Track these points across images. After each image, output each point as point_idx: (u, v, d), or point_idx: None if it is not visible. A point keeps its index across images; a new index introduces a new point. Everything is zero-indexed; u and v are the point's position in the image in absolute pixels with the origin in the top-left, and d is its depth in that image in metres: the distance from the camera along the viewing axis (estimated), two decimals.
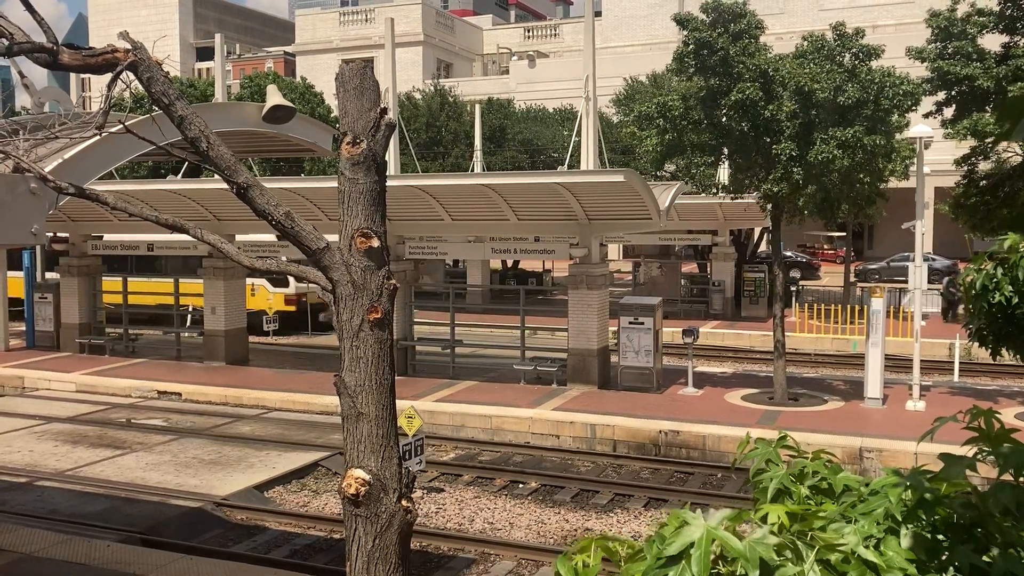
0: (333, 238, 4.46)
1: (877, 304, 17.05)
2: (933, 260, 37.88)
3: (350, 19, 63.50)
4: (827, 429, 14.95)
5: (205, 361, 22.15)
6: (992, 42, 22.94)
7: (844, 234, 36.75)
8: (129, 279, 25.00)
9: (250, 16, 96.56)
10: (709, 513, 1.97)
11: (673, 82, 26.78)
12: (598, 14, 46.91)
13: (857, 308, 26.83)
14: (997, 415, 2.40)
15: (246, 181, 4.52)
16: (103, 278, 24.58)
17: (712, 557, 1.89)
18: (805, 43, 18.56)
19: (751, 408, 16.79)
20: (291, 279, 26.79)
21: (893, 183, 22.09)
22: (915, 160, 19.13)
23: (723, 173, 20.88)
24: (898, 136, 20.48)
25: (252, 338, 23.99)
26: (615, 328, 18.82)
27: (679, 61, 17.63)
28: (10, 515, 11.67)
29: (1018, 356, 5.21)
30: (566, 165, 34.20)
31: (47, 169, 6.96)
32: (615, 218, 18.66)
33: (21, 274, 25.97)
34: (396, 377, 4.79)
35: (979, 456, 2.33)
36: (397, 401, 4.71)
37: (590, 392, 18.14)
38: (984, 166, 22.99)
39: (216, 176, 4.65)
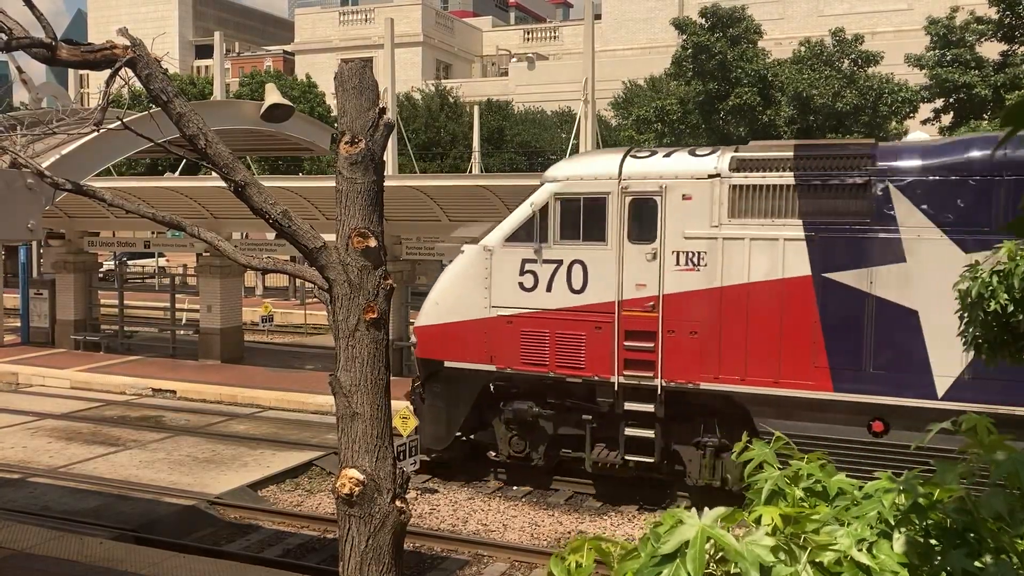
0: (331, 237, 4.46)
1: None
2: None
3: (349, 19, 63.46)
4: None
5: (200, 359, 22.12)
6: (990, 50, 23.01)
7: None
8: None
9: (249, 14, 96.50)
10: (704, 512, 1.98)
11: (671, 86, 26.82)
12: (598, 17, 46.95)
13: None
14: (989, 420, 2.41)
15: (244, 179, 4.52)
16: None
17: (706, 557, 1.90)
18: (803, 49, 18.60)
19: None
20: None
21: None
22: None
23: None
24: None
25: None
26: None
27: (677, 65, 17.68)
28: (2, 511, 11.65)
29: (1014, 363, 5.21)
30: None
31: (44, 165, 6.95)
32: None
33: None
34: (391, 377, 4.79)
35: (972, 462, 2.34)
36: (392, 401, 4.72)
37: None
38: None
39: (214, 174, 4.64)
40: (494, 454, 13.52)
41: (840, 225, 10.85)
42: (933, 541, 2.13)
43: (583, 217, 12.01)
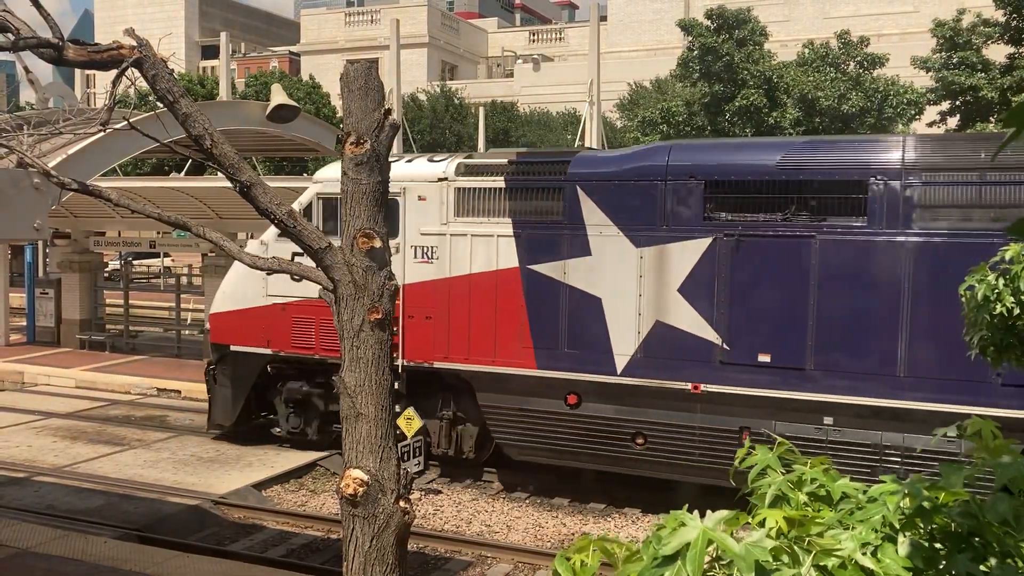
0: (335, 238, 4.47)
1: None
2: None
3: (355, 20, 63.58)
4: None
5: (205, 359, 22.13)
6: (997, 53, 22.95)
7: None
8: None
9: (255, 15, 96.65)
10: (707, 515, 1.98)
11: (677, 87, 26.80)
12: (603, 18, 46.89)
13: None
14: (997, 424, 2.40)
15: (249, 179, 4.53)
16: None
17: (709, 560, 1.89)
18: (808, 51, 18.57)
19: None
20: None
21: None
22: None
23: None
24: None
25: None
26: None
27: (684, 67, 17.67)
28: (7, 510, 11.67)
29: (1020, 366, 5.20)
30: None
31: (51, 164, 6.97)
32: None
33: None
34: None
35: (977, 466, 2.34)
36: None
37: None
38: None
39: (219, 174, 4.65)
40: (278, 430, 14.87)
41: (541, 223, 12.37)
42: (938, 545, 2.13)
43: (340, 214, 13.16)
